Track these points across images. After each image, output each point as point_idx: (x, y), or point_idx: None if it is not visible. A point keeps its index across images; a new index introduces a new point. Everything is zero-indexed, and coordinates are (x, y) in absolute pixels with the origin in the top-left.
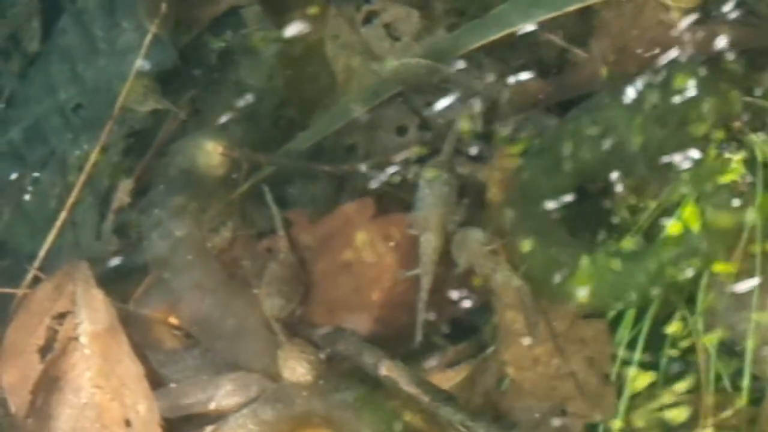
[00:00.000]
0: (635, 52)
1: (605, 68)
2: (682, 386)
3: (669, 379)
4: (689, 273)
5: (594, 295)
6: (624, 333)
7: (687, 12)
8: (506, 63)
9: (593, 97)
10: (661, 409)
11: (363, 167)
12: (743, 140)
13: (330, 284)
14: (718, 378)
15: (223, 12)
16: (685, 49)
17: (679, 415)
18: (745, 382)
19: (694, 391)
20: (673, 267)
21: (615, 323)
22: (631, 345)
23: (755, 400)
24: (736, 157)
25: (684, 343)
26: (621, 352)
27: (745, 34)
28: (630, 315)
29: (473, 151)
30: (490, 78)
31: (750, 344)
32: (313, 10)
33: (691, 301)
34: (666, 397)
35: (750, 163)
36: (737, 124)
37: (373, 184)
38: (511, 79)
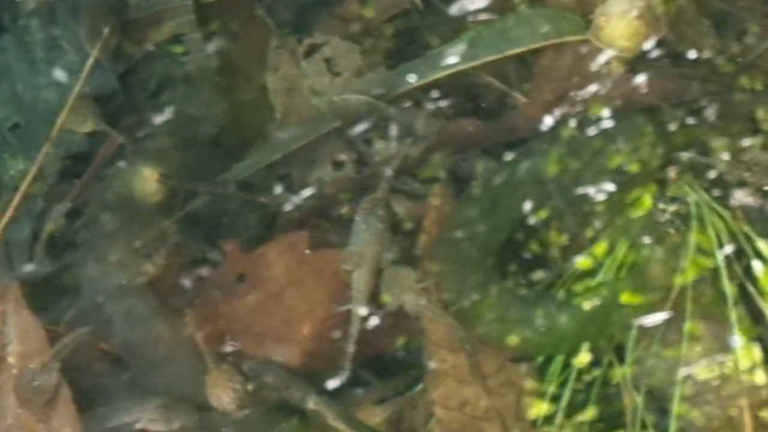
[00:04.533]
0: (575, 99)
1: (544, 113)
2: (583, 417)
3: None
4: (596, 302)
5: (521, 339)
6: (552, 378)
7: (627, 62)
8: (445, 103)
9: (531, 141)
10: None
11: (297, 199)
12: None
13: (261, 316)
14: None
15: (165, 39)
16: (620, 97)
17: None
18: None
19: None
20: (581, 299)
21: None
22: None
23: None
24: (671, 209)
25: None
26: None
27: (676, 87)
28: (558, 361)
29: (410, 189)
30: (428, 117)
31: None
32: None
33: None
34: (568, 428)
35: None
36: (672, 175)
37: (307, 216)
38: (449, 120)
